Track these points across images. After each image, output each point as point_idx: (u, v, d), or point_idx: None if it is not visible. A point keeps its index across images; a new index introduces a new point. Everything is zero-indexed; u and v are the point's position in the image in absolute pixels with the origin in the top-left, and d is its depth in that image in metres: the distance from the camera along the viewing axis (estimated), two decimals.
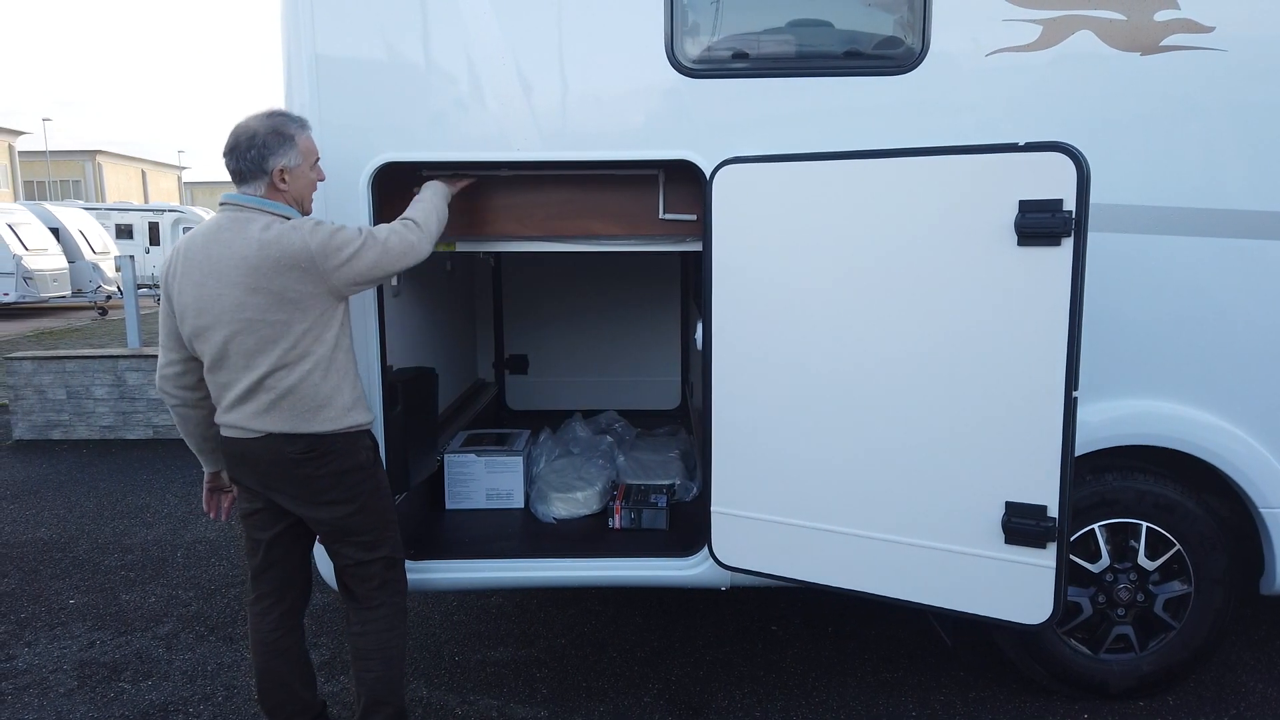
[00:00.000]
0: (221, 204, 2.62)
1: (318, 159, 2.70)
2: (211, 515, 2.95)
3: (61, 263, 18.51)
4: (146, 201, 46.92)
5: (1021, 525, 2.57)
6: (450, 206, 3.29)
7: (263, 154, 2.54)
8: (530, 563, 3.31)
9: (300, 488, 2.63)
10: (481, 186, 3.20)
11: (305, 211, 2.69)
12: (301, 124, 2.64)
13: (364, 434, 2.72)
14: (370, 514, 2.72)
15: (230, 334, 2.52)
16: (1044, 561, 2.57)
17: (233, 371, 2.56)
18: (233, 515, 2.94)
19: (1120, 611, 3.15)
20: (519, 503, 3.94)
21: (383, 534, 2.77)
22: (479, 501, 3.94)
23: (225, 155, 2.58)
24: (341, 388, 2.63)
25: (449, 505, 3.94)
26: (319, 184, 2.73)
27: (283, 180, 2.58)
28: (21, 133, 42.45)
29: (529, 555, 3.42)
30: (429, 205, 2.82)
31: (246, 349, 2.52)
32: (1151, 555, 3.13)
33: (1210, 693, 3.32)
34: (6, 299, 17.27)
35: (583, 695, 3.39)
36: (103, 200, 41.72)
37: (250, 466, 2.65)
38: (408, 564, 3.17)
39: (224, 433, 2.66)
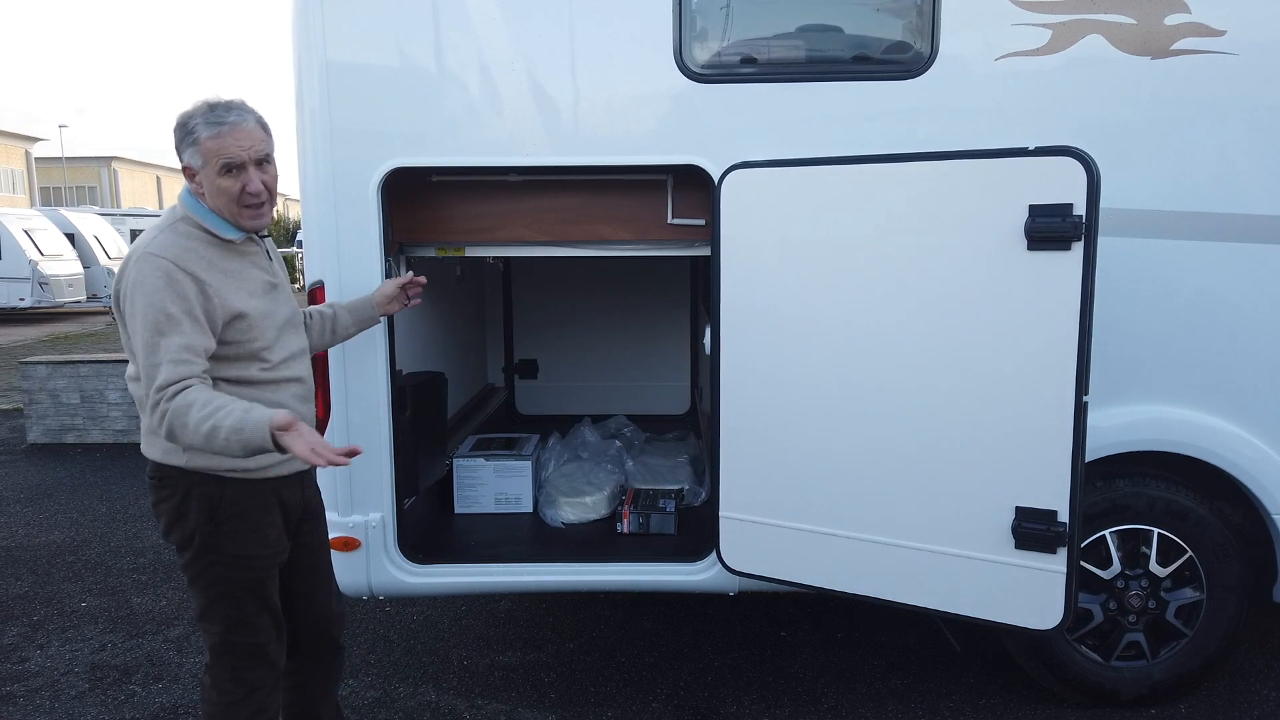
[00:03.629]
0: None
1: (230, 167, 2.21)
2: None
3: (77, 268, 18.67)
4: (161, 207, 47.23)
5: (1032, 530, 2.56)
6: (459, 214, 3.21)
7: (176, 147, 2.23)
8: (539, 567, 3.31)
9: (154, 515, 2.34)
10: (491, 191, 3.21)
11: (241, 225, 2.28)
12: (215, 120, 2.19)
13: (217, 482, 2.25)
14: (201, 579, 2.31)
15: None
16: (1055, 567, 2.56)
17: None
18: None
19: (1131, 618, 3.12)
20: (528, 507, 3.94)
21: (213, 608, 2.32)
22: (488, 506, 3.94)
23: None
24: None
25: (458, 509, 3.95)
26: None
27: (195, 181, 2.24)
28: (38, 139, 42.84)
29: (537, 560, 3.42)
30: (211, 437, 2.05)
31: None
32: (1163, 562, 3.10)
33: (1223, 701, 3.29)
34: (22, 304, 17.42)
35: (591, 700, 3.38)
36: (118, 206, 42.03)
37: None
38: (416, 568, 3.19)
39: None
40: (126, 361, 2.32)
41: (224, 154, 2.21)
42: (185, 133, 2.21)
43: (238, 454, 2.10)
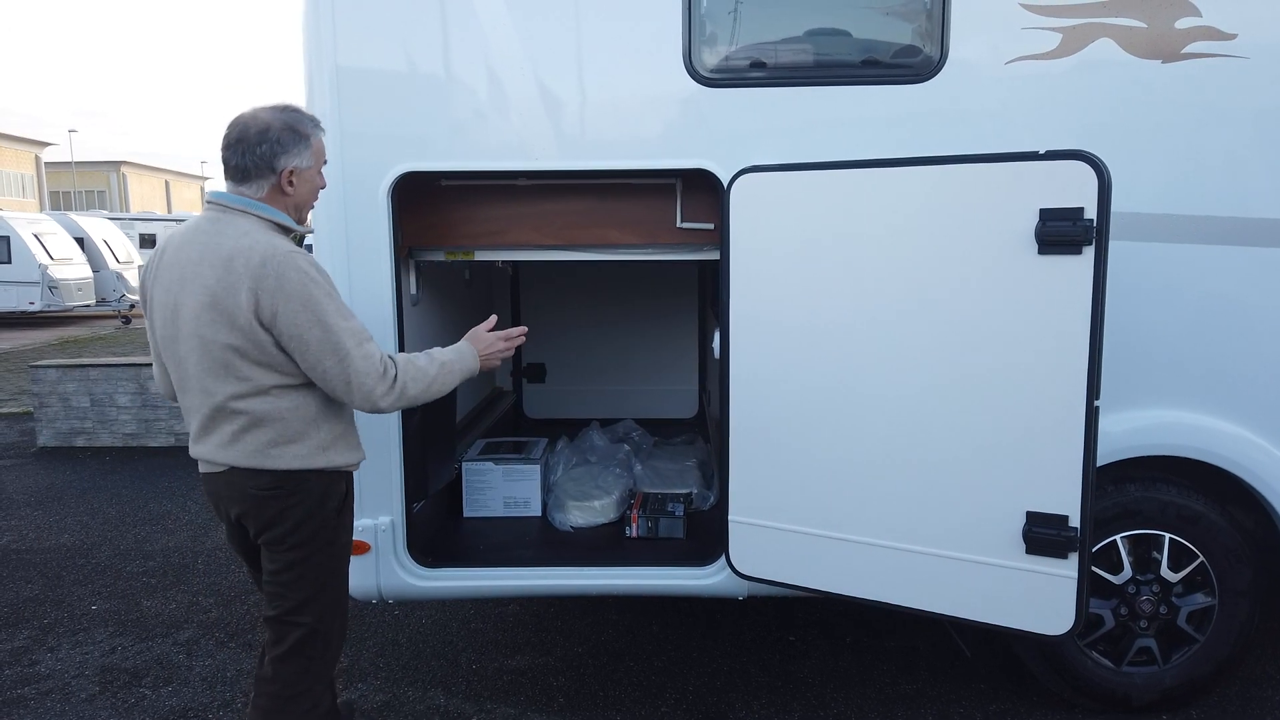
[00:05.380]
0: (208, 202, 2.35)
1: (324, 164, 2.46)
2: None
3: (86, 272, 18.75)
4: (170, 211, 47.50)
5: (1043, 535, 2.55)
6: (468, 218, 3.22)
7: (275, 151, 2.27)
8: (547, 571, 3.31)
9: (263, 526, 2.35)
10: (500, 195, 3.22)
11: (302, 221, 2.44)
12: (315, 123, 2.38)
13: (342, 477, 2.41)
14: (311, 572, 2.38)
15: (188, 351, 2.25)
16: (1065, 572, 2.55)
17: (193, 395, 2.30)
18: None
19: (1143, 624, 3.11)
20: (536, 511, 3.94)
21: (314, 599, 2.39)
22: (496, 509, 3.94)
23: (228, 148, 2.28)
24: (318, 422, 2.32)
25: (467, 513, 3.95)
26: (322, 193, 2.50)
27: (290, 183, 2.31)
28: (48, 144, 43.11)
29: (546, 563, 3.42)
30: (438, 379, 2.45)
31: (203, 370, 2.25)
32: (1174, 567, 3.09)
33: (1235, 707, 3.27)
34: (32, 308, 17.50)
35: (600, 704, 3.38)
36: (127, 210, 42.24)
37: (221, 504, 2.41)
38: (425, 571, 3.19)
39: (200, 468, 2.40)
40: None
41: (325, 152, 2.45)
42: (298, 135, 2.32)
43: (452, 387, 2.53)
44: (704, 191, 3.07)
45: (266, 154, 2.27)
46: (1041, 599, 2.59)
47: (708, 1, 2.94)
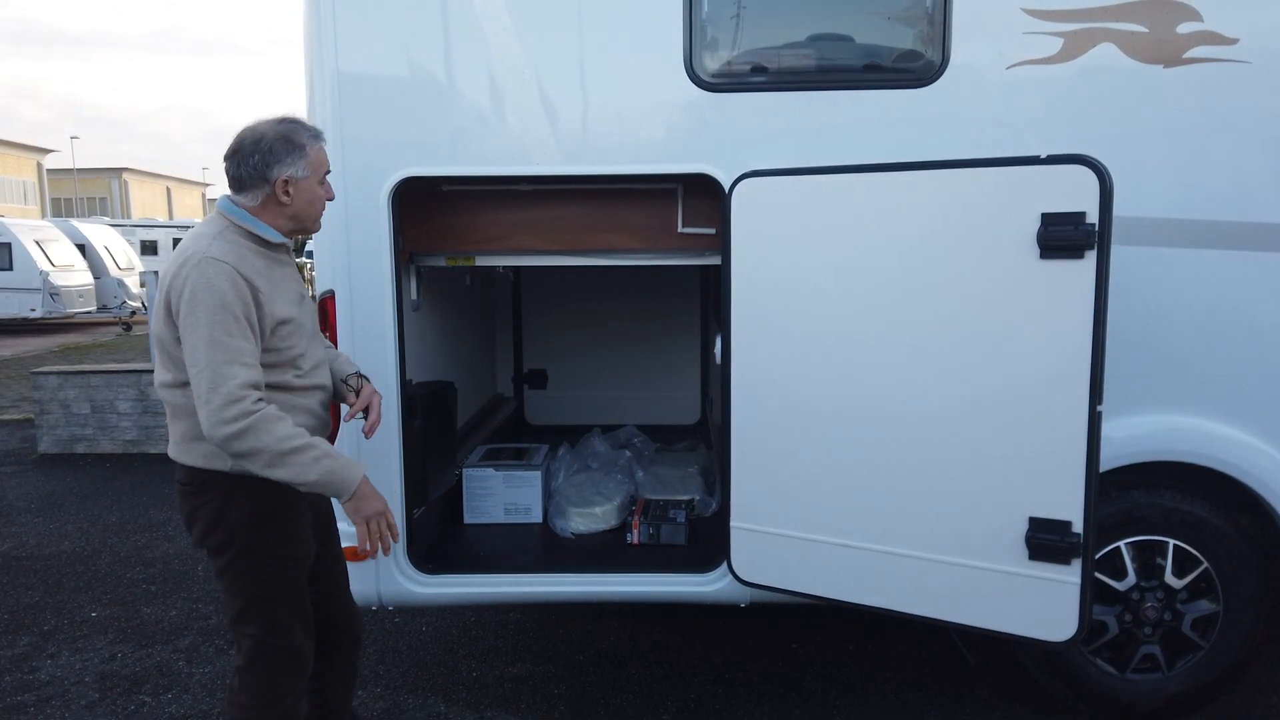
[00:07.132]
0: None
1: (328, 173, 2.46)
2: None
3: (87, 278, 18.76)
4: (171, 218, 47.59)
5: (1046, 541, 2.54)
6: (469, 223, 3.21)
7: (267, 161, 2.30)
8: (548, 578, 3.30)
9: (186, 524, 2.39)
10: (501, 200, 3.22)
11: (309, 230, 2.49)
12: (315, 134, 2.39)
13: (255, 483, 2.28)
14: (240, 581, 2.35)
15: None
16: (1069, 578, 2.54)
17: None
18: None
19: (1147, 630, 3.09)
20: (537, 517, 3.93)
21: (250, 610, 2.36)
22: (497, 516, 3.93)
23: (226, 159, 2.34)
24: None
25: (467, 519, 3.94)
26: (329, 202, 2.50)
27: (286, 193, 2.34)
28: (50, 150, 43.25)
29: (547, 570, 3.41)
30: (297, 456, 2.20)
31: (156, 358, 2.38)
32: (1179, 573, 3.07)
33: (1239, 714, 3.26)
34: (33, 314, 17.51)
35: (601, 712, 3.36)
36: (128, 217, 42.34)
37: None
38: (426, 578, 3.18)
39: None
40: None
41: (326, 164, 2.43)
42: (292, 146, 2.33)
43: (307, 478, 2.23)
44: (705, 196, 3.07)
45: (259, 164, 2.31)
46: (1045, 605, 2.58)
47: (709, 6, 2.94)
